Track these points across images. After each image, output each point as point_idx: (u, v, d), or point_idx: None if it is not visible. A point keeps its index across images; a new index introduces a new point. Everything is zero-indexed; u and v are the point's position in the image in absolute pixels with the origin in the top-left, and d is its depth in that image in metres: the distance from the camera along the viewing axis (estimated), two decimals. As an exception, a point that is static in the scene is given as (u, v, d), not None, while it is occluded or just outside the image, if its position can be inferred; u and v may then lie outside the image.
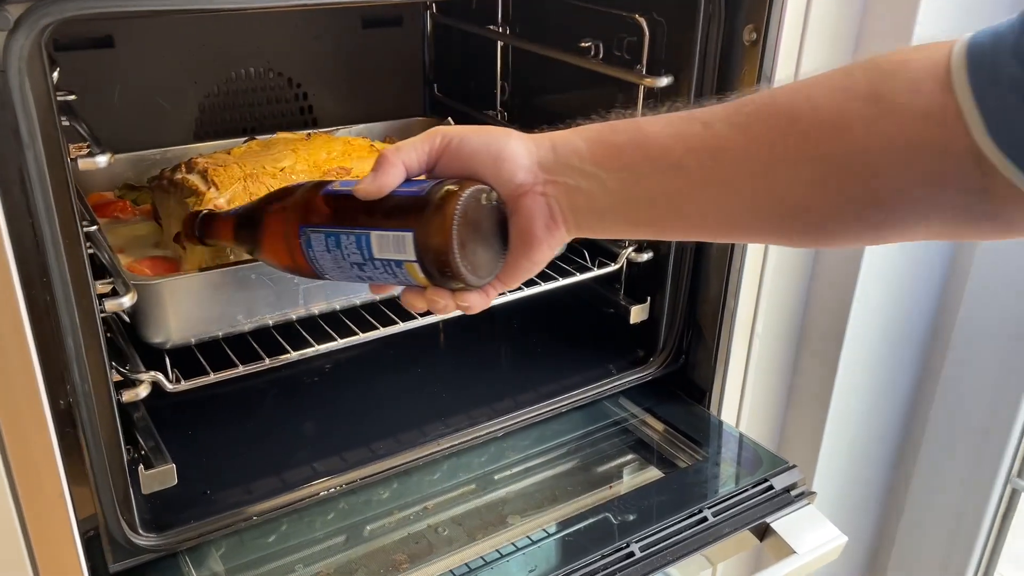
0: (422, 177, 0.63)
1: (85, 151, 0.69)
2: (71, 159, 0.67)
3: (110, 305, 0.73)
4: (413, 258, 0.60)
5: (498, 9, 1.23)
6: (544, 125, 0.65)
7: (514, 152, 0.60)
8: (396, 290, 0.70)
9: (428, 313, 0.93)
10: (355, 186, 0.62)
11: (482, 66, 1.30)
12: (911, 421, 1.28)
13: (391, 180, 0.61)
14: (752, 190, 0.54)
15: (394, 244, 0.60)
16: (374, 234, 0.61)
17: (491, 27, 1.24)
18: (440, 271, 0.60)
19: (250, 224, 0.72)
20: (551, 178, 0.60)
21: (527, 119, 1.26)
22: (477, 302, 0.63)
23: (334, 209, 0.64)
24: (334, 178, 0.94)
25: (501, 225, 0.61)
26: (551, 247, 0.62)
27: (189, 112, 1.21)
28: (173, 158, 1.08)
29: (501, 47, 1.26)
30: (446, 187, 0.59)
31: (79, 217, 0.66)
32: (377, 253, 0.61)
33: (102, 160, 0.68)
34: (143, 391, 0.78)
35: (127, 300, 0.74)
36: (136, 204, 1.07)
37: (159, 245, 0.97)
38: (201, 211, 0.82)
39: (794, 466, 0.99)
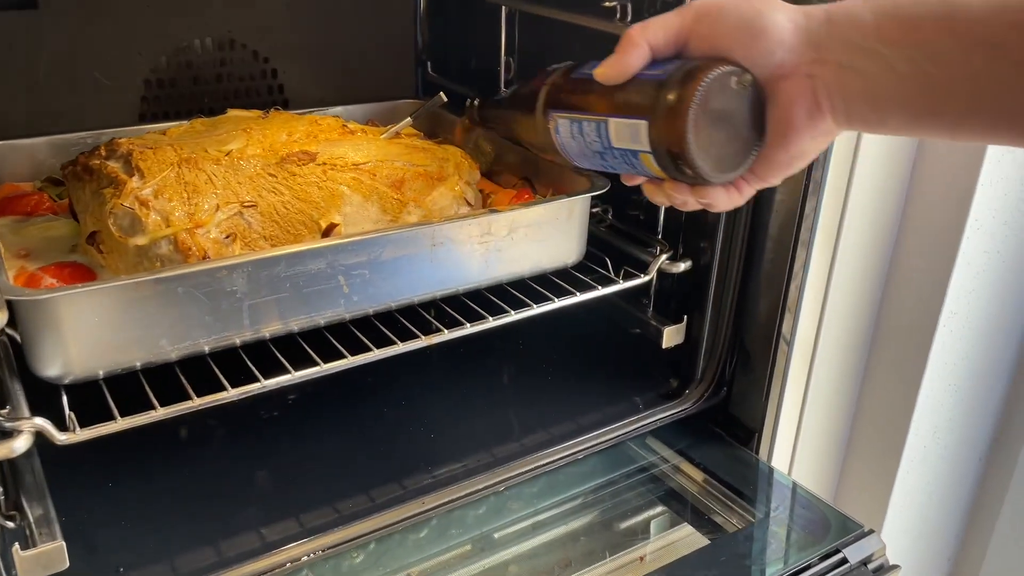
0: (673, 59, 0.56)
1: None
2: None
3: (-36, 331, 0.53)
4: (648, 148, 0.56)
5: (503, -30, 1.04)
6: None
7: (776, 25, 0.53)
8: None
9: (410, 338, 0.77)
10: (595, 68, 0.58)
11: (483, 39, 1.12)
12: (995, 467, 1.07)
13: (633, 62, 0.56)
14: None
15: (629, 133, 0.57)
16: (611, 121, 0.58)
17: (494, -10, 1.05)
18: (675, 164, 0.55)
19: (512, 107, 0.70)
20: (821, 56, 0.52)
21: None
22: (722, 200, 0.59)
23: (580, 93, 0.61)
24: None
25: (755, 112, 0.55)
26: (814, 139, 0.55)
27: (133, 90, 1.02)
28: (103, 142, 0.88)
29: (506, 15, 1.07)
30: (686, 67, 0.54)
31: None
32: (615, 142, 0.59)
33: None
34: (21, 444, 0.58)
35: (-8, 322, 0.54)
36: (60, 200, 0.88)
37: (76, 249, 0.78)
38: (478, 96, 0.79)
39: (871, 531, 0.81)
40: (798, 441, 0.94)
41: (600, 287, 0.87)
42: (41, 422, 0.59)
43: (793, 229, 0.82)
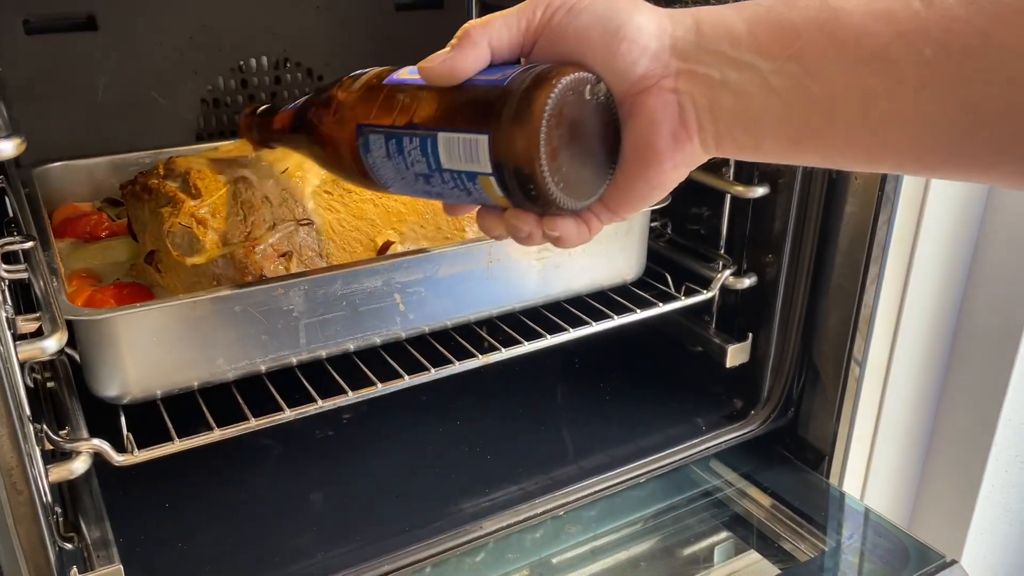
0: (512, 64, 0.48)
1: (-9, 137, 0.49)
2: (-37, 147, 0.47)
3: (26, 352, 0.52)
4: (488, 170, 0.46)
5: (557, -17, 1.02)
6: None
7: (639, 30, 0.45)
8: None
9: (466, 356, 0.75)
10: (421, 64, 0.48)
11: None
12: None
13: (469, 62, 0.47)
14: (999, 99, 0.37)
15: (465, 150, 0.47)
16: (442, 136, 0.48)
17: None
18: (523, 188, 0.46)
19: (305, 120, 0.57)
20: (688, 68, 0.45)
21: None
22: (572, 233, 0.49)
23: (397, 101, 0.50)
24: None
25: (609, 131, 0.47)
26: (676, 166, 0.47)
27: (189, 109, 1.02)
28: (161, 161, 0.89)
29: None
30: (535, 72, 0.45)
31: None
32: (446, 162, 0.48)
33: (6, 147, 0.48)
34: (80, 466, 0.58)
35: (52, 343, 0.53)
36: (118, 220, 0.88)
37: (134, 269, 0.78)
38: (259, 106, 0.67)
39: (953, 562, 0.76)
40: (871, 465, 0.89)
41: (661, 304, 0.84)
42: (100, 443, 0.59)
43: (865, 243, 0.78)
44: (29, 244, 0.61)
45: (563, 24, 0.47)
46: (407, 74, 0.51)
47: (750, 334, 0.88)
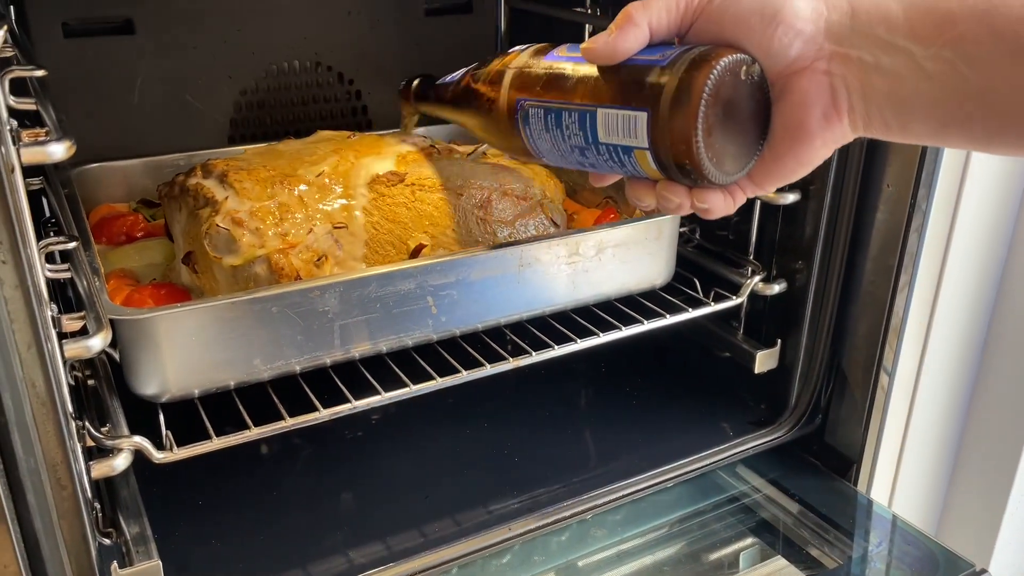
0: (672, 43, 0.51)
1: (42, 139, 0.50)
2: (16, 149, 0.48)
3: (72, 350, 0.53)
4: (644, 145, 0.49)
5: (587, -12, 1.03)
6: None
7: (795, 14, 0.47)
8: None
9: (497, 359, 0.76)
10: (585, 45, 0.51)
11: (566, 58, 1.10)
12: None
13: (630, 43, 0.50)
14: None
15: (623, 126, 0.50)
16: (601, 112, 0.50)
17: (578, 9, 1.03)
18: (677, 163, 0.49)
19: (467, 92, 0.61)
20: (842, 51, 0.47)
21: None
22: (719, 204, 0.52)
23: (559, 77, 0.53)
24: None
25: (761, 109, 0.49)
26: (826, 144, 0.49)
27: (223, 111, 1.03)
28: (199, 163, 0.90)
29: (589, 33, 1.05)
30: (694, 53, 0.48)
31: (20, 223, 0.47)
32: (603, 136, 0.51)
33: (56, 150, 0.49)
34: (121, 462, 0.59)
35: (96, 342, 0.55)
36: (153, 220, 0.89)
37: (171, 269, 0.79)
38: (419, 76, 0.71)
39: (983, 571, 0.75)
40: (899, 472, 0.89)
41: (690, 309, 0.84)
42: (140, 440, 0.60)
43: (896, 250, 0.78)
44: (72, 244, 0.62)
45: (721, 7, 0.49)
46: (566, 51, 0.54)
47: (779, 340, 0.88)
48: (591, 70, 0.52)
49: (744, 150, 0.50)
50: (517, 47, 0.58)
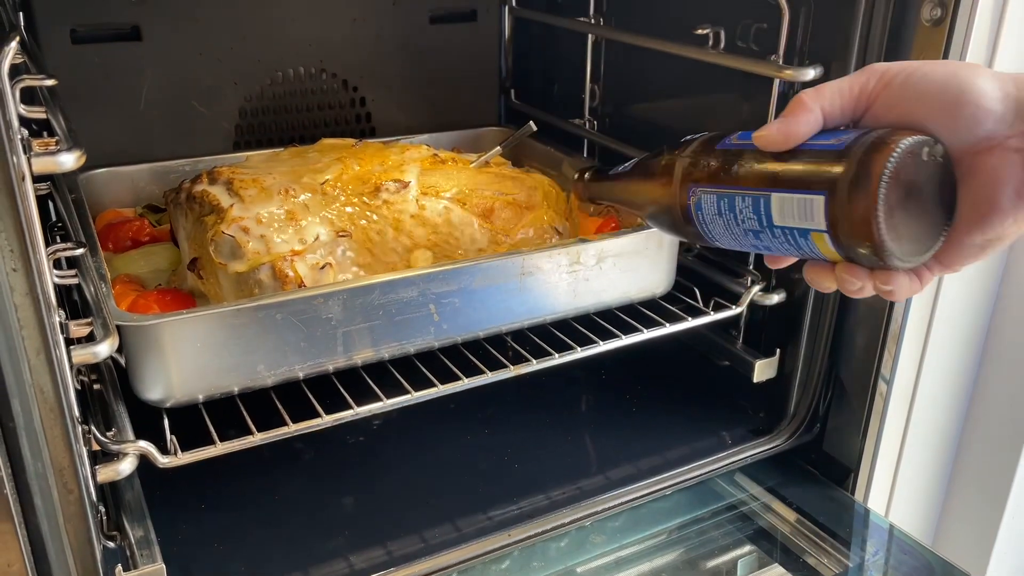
0: (844, 128, 0.51)
1: (53, 148, 0.51)
2: (28, 158, 0.49)
3: (79, 356, 0.54)
4: (823, 227, 0.49)
5: (590, -2, 1.04)
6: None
7: (984, 93, 0.47)
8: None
9: (498, 366, 0.76)
10: (757, 133, 0.52)
11: (568, 67, 1.11)
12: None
13: (802, 128, 0.50)
14: None
15: (800, 209, 0.50)
16: (775, 197, 0.51)
17: (581, 19, 1.04)
18: (857, 246, 0.48)
19: (639, 180, 0.63)
20: None
21: (621, 128, 1.06)
22: (904, 286, 0.51)
23: (729, 165, 0.54)
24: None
25: (946, 189, 0.49)
26: (1017, 221, 0.48)
27: (228, 117, 1.04)
28: (205, 170, 0.91)
29: (592, 43, 1.06)
30: (872, 137, 0.48)
31: (30, 231, 0.47)
32: (778, 220, 0.52)
33: (67, 160, 0.50)
34: (127, 467, 0.60)
35: (104, 348, 0.55)
36: (159, 225, 0.90)
37: (176, 275, 0.80)
38: (590, 169, 0.72)
39: (979, 582, 0.75)
40: (896, 482, 0.90)
41: (690, 318, 0.85)
42: (145, 445, 0.61)
43: (895, 261, 0.79)
44: (80, 251, 0.62)
45: (901, 90, 0.49)
46: (737, 139, 0.55)
47: (778, 350, 0.89)
48: (765, 156, 0.52)
49: (928, 232, 0.49)
50: (691, 136, 0.60)
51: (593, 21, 1.05)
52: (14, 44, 0.51)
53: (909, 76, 0.49)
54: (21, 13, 0.89)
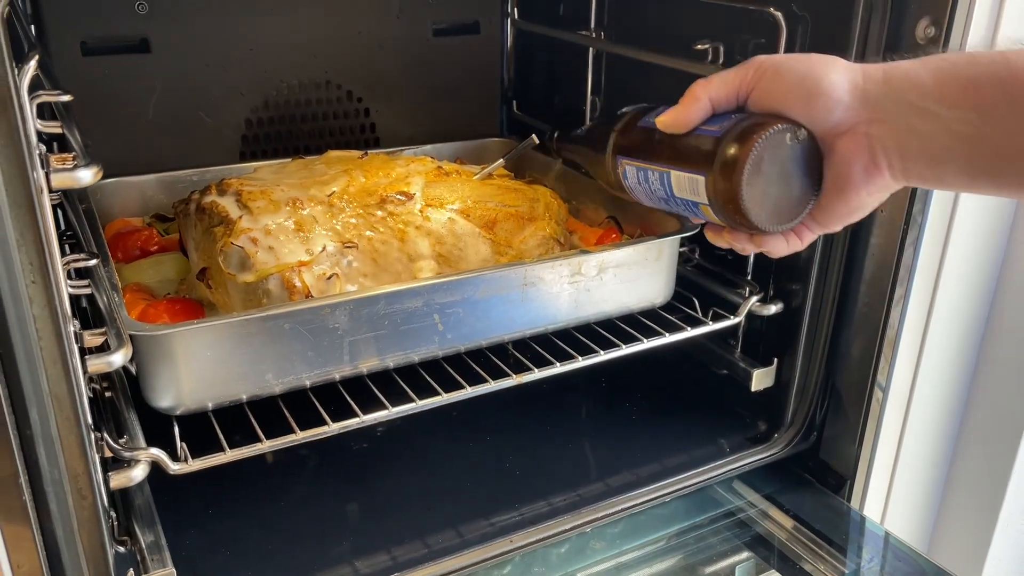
0: (732, 113, 0.59)
1: (69, 164, 0.53)
2: (46, 173, 0.50)
3: (94, 365, 0.56)
4: (705, 201, 0.59)
5: (591, 12, 1.05)
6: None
7: (834, 85, 0.54)
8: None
9: (501, 375, 0.78)
10: (657, 116, 0.61)
11: (569, 78, 1.13)
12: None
13: (693, 115, 0.59)
14: None
15: (689, 186, 0.60)
16: (673, 174, 0.61)
17: (583, 32, 1.06)
18: (732, 218, 0.58)
19: (586, 147, 0.73)
20: (879, 116, 0.53)
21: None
22: (781, 247, 0.61)
23: (645, 142, 0.64)
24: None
25: (811, 165, 0.57)
26: (871, 194, 0.56)
27: (235, 128, 1.06)
28: (212, 180, 0.92)
29: (593, 56, 1.08)
30: (742, 126, 0.56)
31: (48, 244, 0.49)
32: (677, 192, 0.61)
33: (84, 175, 0.52)
34: (139, 473, 0.61)
35: (118, 357, 0.57)
36: (167, 235, 0.92)
37: (185, 284, 0.81)
38: (558, 130, 0.82)
39: (972, 588, 0.77)
40: (892, 489, 0.91)
41: (689, 328, 0.86)
42: (157, 452, 0.62)
43: (890, 272, 0.80)
44: (93, 262, 0.64)
45: (771, 82, 0.57)
46: (652, 118, 0.63)
47: (775, 359, 0.90)
48: (667, 137, 0.61)
49: (794, 203, 0.57)
50: (625, 108, 0.68)
51: (594, 34, 1.06)
52: (33, 63, 0.53)
53: (778, 69, 0.56)
54: (33, 26, 0.91)
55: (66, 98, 0.60)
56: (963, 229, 0.82)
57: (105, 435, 0.61)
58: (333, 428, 0.69)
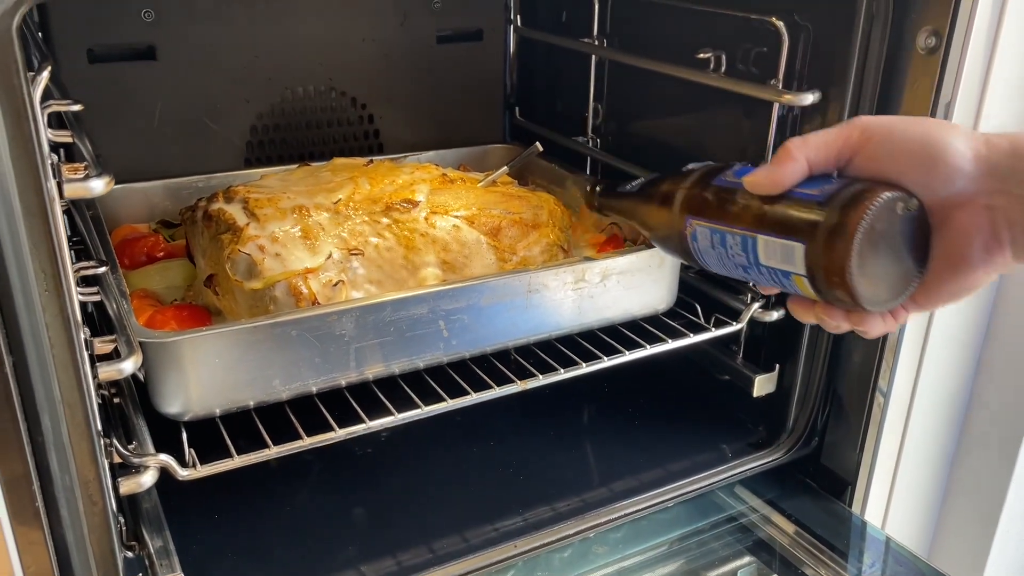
0: (829, 176, 0.54)
1: (81, 173, 0.53)
2: (57, 183, 0.51)
3: (105, 372, 0.56)
4: (802, 272, 0.53)
5: (593, 20, 1.06)
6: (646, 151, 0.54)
7: (957, 152, 0.50)
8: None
9: (505, 381, 0.79)
10: (746, 176, 0.56)
11: (571, 86, 1.14)
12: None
13: (788, 176, 0.53)
14: None
15: (782, 253, 0.54)
16: (761, 239, 0.55)
17: (585, 40, 1.07)
18: (832, 292, 0.52)
19: (643, 203, 0.67)
20: (1005, 188, 0.49)
21: (623, 146, 1.09)
22: (878, 327, 0.55)
23: (723, 202, 0.58)
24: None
25: (920, 240, 0.52)
26: (988, 272, 0.52)
27: (240, 134, 1.06)
28: (217, 186, 0.93)
29: (595, 63, 1.09)
30: (851, 191, 0.51)
31: (60, 254, 0.49)
32: (763, 260, 0.56)
33: (97, 185, 0.52)
34: (148, 479, 0.62)
35: (128, 365, 0.57)
36: (172, 241, 0.92)
37: (191, 290, 0.82)
38: (600, 183, 0.76)
39: (973, 593, 0.77)
40: (892, 495, 0.91)
41: (691, 334, 0.87)
42: (166, 458, 0.63)
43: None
44: (103, 269, 0.65)
45: (881, 146, 0.52)
46: (732, 177, 0.58)
47: (777, 365, 0.91)
48: (754, 198, 0.56)
49: (901, 280, 0.53)
50: (692, 165, 0.63)
51: (597, 42, 1.07)
52: (46, 73, 0.54)
53: (890, 132, 0.52)
54: (40, 33, 0.91)
55: (76, 107, 0.61)
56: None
57: (115, 441, 0.61)
58: (340, 434, 0.70)
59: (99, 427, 0.57)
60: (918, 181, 0.51)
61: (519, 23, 1.17)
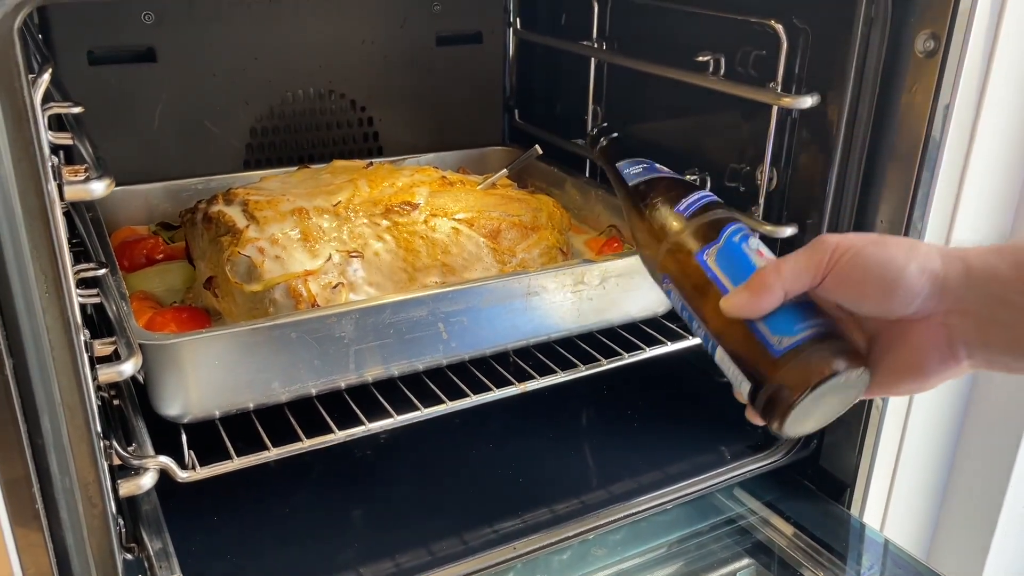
0: (803, 301, 0.56)
1: (81, 176, 0.53)
2: (58, 185, 0.51)
3: (105, 374, 0.56)
4: (746, 393, 0.56)
5: (593, 22, 1.06)
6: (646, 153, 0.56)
7: (911, 278, 0.52)
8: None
9: (504, 383, 0.79)
10: (723, 299, 0.56)
11: (571, 88, 1.14)
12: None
13: (764, 307, 0.55)
14: None
15: (733, 373, 0.57)
16: (719, 350, 0.57)
17: (584, 42, 1.07)
18: (767, 420, 0.56)
19: (635, 216, 0.66)
20: (959, 308, 0.52)
21: (622, 148, 1.08)
22: None
23: (699, 289, 0.59)
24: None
25: (858, 389, 0.55)
26: (943, 379, 0.54)
27: (239, 137, 1.07)
28: (217, 189, 0.93)
29: (595, 66, 1.09)
30: (804, 357, 0.53)
31: (60, 256, 0.50)
32: (718, 360, 0.58)
33: (97, 188, 0.52)
34: (148, 481, 0.62)
35: (128, 367, 0.57)
36: (172, 243, 0.92)
37: (191, 292, 0.82)
38: (606, 135, 0.74)
39: (971, 595, 0.77)
40: (891, 497, 0.92)
41: (690, 336, 0.87)
42: (165, 460, 0.63)
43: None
44: (103, 271, 0.65)
45: (848, 269, 0.54)
46: (714, 263, 0.59)
47: (775, 367, 0.91)
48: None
49: (829, 416, 0.57)
50: (695, 200, 0.62)
51: (596, 45, 1.07)
52: (47, 76, 0.54)
53: (855, 256, 0.54)
54: (40, 35, 0.92)
55: (77, 110, 0.61)
56: (962, 236, 0.83)
57: (114, 443, 0.61)
58: (339, 436, 0.70)
59: (99, 429, 0.57)
60: (879, 303, 0.54)
61: (518, 26, 1.18)
